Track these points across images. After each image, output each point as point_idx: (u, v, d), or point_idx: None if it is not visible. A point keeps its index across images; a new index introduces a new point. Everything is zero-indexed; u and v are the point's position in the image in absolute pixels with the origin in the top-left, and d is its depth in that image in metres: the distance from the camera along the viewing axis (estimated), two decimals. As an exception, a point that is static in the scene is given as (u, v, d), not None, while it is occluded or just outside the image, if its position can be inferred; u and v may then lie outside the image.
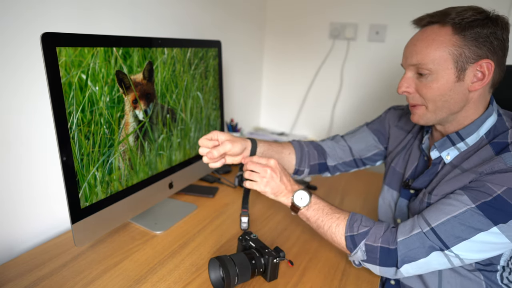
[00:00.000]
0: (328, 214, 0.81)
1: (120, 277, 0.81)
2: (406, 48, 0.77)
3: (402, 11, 1.68)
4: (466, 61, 0.70)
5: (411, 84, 0.76)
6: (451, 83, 0.71)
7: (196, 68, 1.08)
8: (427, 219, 0.72)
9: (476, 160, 0.73)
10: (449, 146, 0.79)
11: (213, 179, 1.34)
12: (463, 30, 0.69)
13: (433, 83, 0.72)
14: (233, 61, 1.78)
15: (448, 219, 0.69)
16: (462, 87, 0.72)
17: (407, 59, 0.76)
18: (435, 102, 0.74)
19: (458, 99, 0.73)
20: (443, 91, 0.72)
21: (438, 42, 0.70)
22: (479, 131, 0.76)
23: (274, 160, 0.82)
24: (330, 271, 0.87)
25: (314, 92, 2.02)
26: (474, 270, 0.77)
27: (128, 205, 0.89)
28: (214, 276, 0.77)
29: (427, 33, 0.73)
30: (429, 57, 0.71)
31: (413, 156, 0.91)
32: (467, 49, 0.69)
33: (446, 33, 0.70)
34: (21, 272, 0.80)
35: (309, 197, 0.82)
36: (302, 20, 1.94)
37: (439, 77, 0.72)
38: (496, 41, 0.70)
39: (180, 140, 1.06)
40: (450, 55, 0.70)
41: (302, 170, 1.03)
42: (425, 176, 0.83)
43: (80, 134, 0.74)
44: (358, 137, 1.05)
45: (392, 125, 1.01)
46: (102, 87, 0.78)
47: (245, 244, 0.85)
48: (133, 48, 0.84)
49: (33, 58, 0.87)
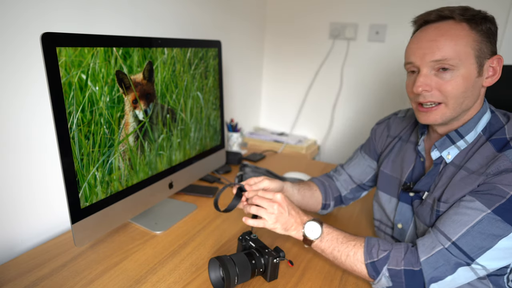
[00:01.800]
0: (343, 243, 0.77)
1: (120, 277, 0.81)
2: (419, 44, 0.73)
3: (402, 11, 1.68)
4: (484, 56, 0.71)
5: (430, 82, 0.73)
6: (473, 78, 0.71)
7: (196, 68, 1.08)
8: (445, 233, 0.70)
9: (480, 160, 0.72)
10: (449, 145, 0.78)
11: (213, 179, 1.34)
12: (478, 25, 0.70)
13: (458, 78, 0.71)
14: (233, 61, 1.78)
15: (467, 230, 0.67)
16: (479, 82, 0.73)
17: (425, 55, 0.72)
18: (457, 98, 0.72)
19: (475, 95, 0.74)
20: (466, 87, 0.71)
21: (461, 37, 0.70)
22: (476, 128, 0.76)
23: (280, 194, 0.79)
24: (330, 271, 0.87)
25: (314, 92, 2.02)
26: (484, 278, 0.75)
27: (128, 205, 0.89)
28: (214, 276, 0.77)
29: (444, 28, 0.71)
30: (455, 52, 0.70)
31: (408, 159, 0.89)
32: (484, 45, 0.70)
33: (464, 28, 0.70)
34: (21, 272, 0.80)
35: (321, 227, 0.78)
36: (302, 20, 1.94)
37: (464, 73, 0.70)
38: (495, 38, 0.73)
39: (180, 140, 1.06)
40: (472, 50, 0.70)
41: (329, 204, 1.05)
42: (428, 178, 0.82)
43: (80, 134, 0.74)
44: (354, 163, 1.06)
45: (383, 137, 1.00)
46: (102, 87, 0.78)
47: (245, 244, 0.85)
48: (133, 48, 0.84)
49: (33, 58, 0.87)
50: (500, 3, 1.50)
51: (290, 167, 1.55)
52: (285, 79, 2.08)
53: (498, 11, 1.51)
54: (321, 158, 2.08)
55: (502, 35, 1.52)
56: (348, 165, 1.08)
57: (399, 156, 0.92)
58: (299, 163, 1.63)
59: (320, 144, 2.07)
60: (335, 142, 2.04)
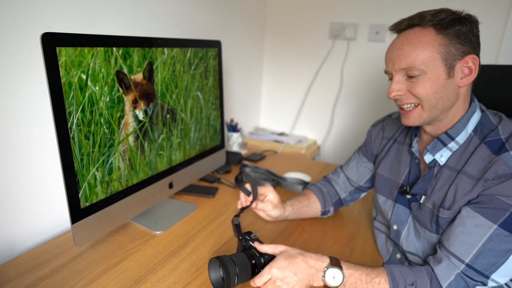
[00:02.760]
0: (368, 282, 0.75)
1: (120, 277, 0.81)
2: (391, 53, 0.77)
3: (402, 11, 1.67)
4: (453, 58, 0.72)
5: (402, 87, 0.77)
6: (443, 80, 0.73)
7: (196, 68, 1.08)
8: (457, 255, 0.71)
9: (477, 162, 0.72)
10: (441, 147, 0.79)
11: (213, 179, 1.34)
12: (444, 29, 0.71)
13: (425, 82, 0.73)
14: (233, 61, 1.78)
15: (478, 250, 0.68)
16: (452, 83, 0.74)
17: (395, 64, 0.76)
18: (429, 100, 0.75)
19: (450, 96, 0.75)
20: (436, 88, 0.73)
21: (425, 43, 0.72)
22: (467, 128, 0.76)
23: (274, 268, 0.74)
24: (330, 271, 0.87)
25: (314, 92, 2.02)
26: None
27: (128, 205, 0.90)
28: (214, 276, 0.77)
29: (410, 37, 0.74)
30: (419, 58, 0.72)
31: (404, 161, 0.90)
32: (452, 47, 0.71)
33: (429, 33, 0.72)
34: (21, 272, 0.80)
35: (341, 272, 0.75)
36: (302, 20, 1.94)
37: (431, 76, 0.73)
38: (473, 38, 0.73)
39: (180, 140, 1.06)
40: (438, 54, 0.72)
41: (328, 210, 1.08)
42: (423, 181, 0.82)
43: (80, 134, 0.74)
44: (352, 165, 1.08)
45: (378, 139, 1.01)
46: (102, 87, 0.78)
47: (245, 244, 0.85)
48: (133, 48, 0.84)
49: (33, 58, 0.87)
50: (500, 3, 1.50)
51: (290, 167, 1.55)
52: (285, 79, 2.08)
53: (498, 11, 1.51)
54: (321, 158, 2.08)
55: (502, 35, 1.52)
56: (347, 167, 1.09)
57: (396, 159, 0.93)
58: (299, 163, 1.63)
59: (320, 144, 2.07)
60: (335, 142, 2.04)
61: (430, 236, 0.80)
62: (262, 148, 1.85)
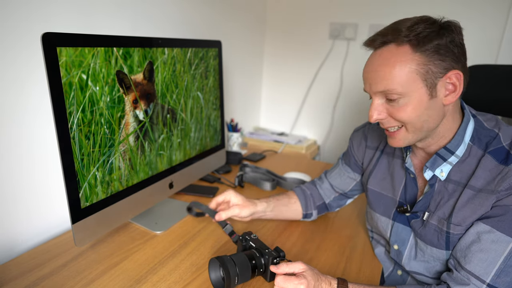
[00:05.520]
0: None
1: (120, 277, 0.81)
2: (367, 74, 0.72)
3: (402, 11, 1.68)
4: (434, 76, 0.66)
5: (382, 110, 0.72)
6: (426, 101, 0.67)
7: (196, 68, 1.08)
8: (477, 275, 0.67)
9: (484, 175, 0.69)
10: (440, 163, 0.75)
11: (213, 179, 1.34)
12: (422, 45, 0.64)
13: (407, 106, 0.68)
14: (233, 61, 1.78)
15: (498, 268, 0.66)
16: (436, 103, 0.68)
17: (371, 86, 0.71)
18: (413, 123, 0.70)
19: (436, 116, 0.70)
20: (419, 111, 0.68)
21: (401, 64, 0.65)
22: (464, 140, 0.73)
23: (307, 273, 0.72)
24: (330, 271, 0.87)
25: (314, 92, 2.02)
26: None
27: (128, 205, 0.90)
28: (214, 276, 0.77)
29: (385, 56, 0.67)
30: (396, 81, 0.66)
31: (398, 176, 0.86)
32: (432, 65, 0.65)
33: (406, 52, 0.65)
34: (22, 272, 0.80)
35: None
36: (302, 20, 1.94)
37: (412, 99, 0.67)
38: (456, 48, 0.66)
39: (180, 140, 1.06)
40: (417, 74, 0.65)
41: (310, 213, 1.05)
42: (425, 198, 0.78)
43: (81, 134, 0.74)
44: (335, 173, 1.04)
45: (361, 148, 0.97)
46: (103, 87, 0.78)
47: (245, 244, 0.85)
48: (134, 48, 0.84)
49: (35, 60, 0.87)
50: (500, 3, 1.50)
51: (290, 167, 1.55)
52: (285, 79, 2.08)
53: (497, 12, 1.51)
54: (321, 158, 2.08)
55: (502, 35, 1.52)
56: (331, 173, 1.06)
57: (388, 173, 0.89)
58: (299, 163, 1.63)
59: (320, 144, 2.07)
60: (335, 142, 2.04)
61: (438, 253, 0.77)
62: (262, 148, 1.85)
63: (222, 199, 0.94)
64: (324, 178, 1.06)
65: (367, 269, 0.89)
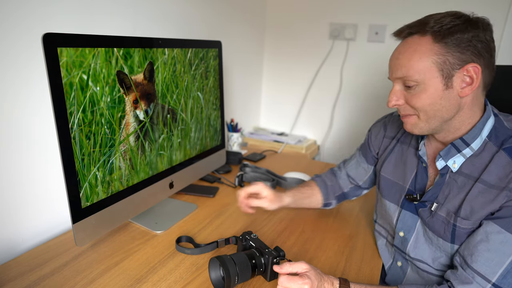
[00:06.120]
0: None
1: (120, 276, 0.81)
2: (391, 61, 0.76)
3: (402, 11, 1.68)
4: (451, 67, 0.69)
5: (400, 96, 0.76)
6: (440, 91, 0.71)
7: (196, 68, 1.08)
8: (483, 274, 0.68)
9: (497, 171, 0.70)
10: (454, 153, 0.76)
11: (213, 179, 1.34)
12: (443, 37, 0.68)
13: (422, 93, 0.72)
14: (234, 61, 1.79)
15: (505, 269, 0.66)
16: (452, 94, 0.71)
17: (393, 73, 0.75)
18: (426, 111, 0.73)
19: (450, 107, 0.72)
20: (433, 100, 0.71)
21: (420, 53, 0.70)
22: (482, 134, 0.73)
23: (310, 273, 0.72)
24: (330, 270, 0.87)
25: (314, 92, 2.02)
26: None
27: (128, 204, 0.90)
28: (215, 275, 0.77)
29: (408, 45, 0.72)
30: (414, 69, 0.71)
31: (410, 164, 0.87)
32: (450, 56, 0.68)
33: (427, 42, 0.69)
34: (22, 272, 0.81)
35: None
36: (302, 20, 1.94)
37: (427, 87, 0.71)
38: (480, 44, 0.68)
39: (180, 140, 1.06)
40: (434, 64, 0.69)
41: (330, 203, 1.10)
42: (435, 188, 0.79)
43: (81, 134, 0.74)
44: (352, 163, 1.08)
45: (379, 137, 0.99)
46: (103, 87, 0.78)
47: (245, 244, 0.85)
48: (134, 48, 0.85)
49: (35, 59, 0.87)
50: (499, 3, 1.50)
51: (290, 167, 1.55)
52: (285, 79, 2.09)
53: (496, 12, 1.51)
54: (321, 158, 2.09)
55: (501, 35, 1.52)
56: (348, 163, 1.10)
57: (401, 161, 0.90)
58: (299, 163, 1.63)
59: (320, 144, 2.07)
60: (335, 142, 2.04)
61: (444, 244, 0.78)
62: (262, 148, 1.85)
63: (254, 191, 0.98)
64: (342, 168, 1.11)
65: (367, 269, 0.89)
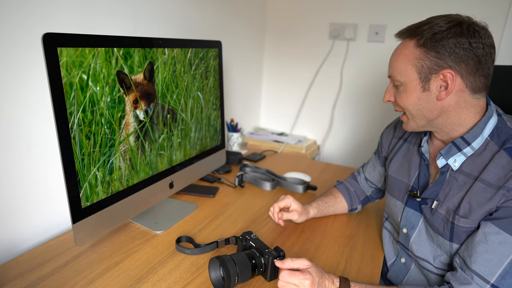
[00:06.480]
0: None
1: (120, 276, 0.81)
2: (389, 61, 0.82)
3: (402, 11, 1.68)
4: (428, 71, 0.72)
5: (392, 94, 0.81)
6: (418, 93, 0.75)
7: (196, 68, 1.08)
8: (481, 275, 0.68)
9: (496, 170, 0.70)
10: (455, 152, 0.76)
11: (213, 179, 1.34)
12: (424, 42, 0.71)
13: (404, 93, 0.77)
14: (234, 61, 1.79)
15: (504, 270, 0.66)
16: (430, 96, 0.74)
17: (388, 71, 0.81)
18: (409, 110, 0.78)
19: (430, 108, 0.75)
20: (412, 100, 0.76)
21: (404, 55, 0.75)
22: (483, 134, 0.74)
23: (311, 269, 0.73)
24: (330, 270, 0.87)
25: (314, 92, 2.02)
26: None
27: (128, 204, 0.90)
28: (215, 275, 0.77)
29: (399, 47, 0.77)
30: (397, 70, 0.76)
31: (414, 163, 0.89)
32: (428, 60, 0.72)
33: (411, 46, 0.74)
34: (22, 272, 0.81)
35: None
36: (302, 20, 1.94)
37: (408, 88, 0.76)
38: (463, 51, 0.69)
39: (180, 140, 1.06)
40: (413, 67, 0.73)
41: (355, 208, 1.13)
42: (435, 186, 0.80)
43: (81, 134, 0.74)
44: (369, 166, 1.11)
45: (389, 138, 1.02)
46: (103, 87, 0.78)
47: (245, 244, 0.85)
48: (134, 48, 0.85)
49: (35, 59, 0.87)
50: (499, 3, 1.50)
51: (290, 167, 1.55)
52: (285, 79, 2.09)
53: (496, 12, 1.51)
54: (321, 158, 2.09)
55: (501, 35, 1.52)
56: (366, 167, 1.12)
57: (406, 159, 0.92)
58: (299, 163, 1.63)
59: (320, 144, 2.07)
60: (335, 142, 2.04)
61: (444, 242, 0.79)
62: (262, 148, 1.85)
63: (284, 205, 1.02)
64: (361, 172, 1.14)
65: (367, 269, 0.89)
